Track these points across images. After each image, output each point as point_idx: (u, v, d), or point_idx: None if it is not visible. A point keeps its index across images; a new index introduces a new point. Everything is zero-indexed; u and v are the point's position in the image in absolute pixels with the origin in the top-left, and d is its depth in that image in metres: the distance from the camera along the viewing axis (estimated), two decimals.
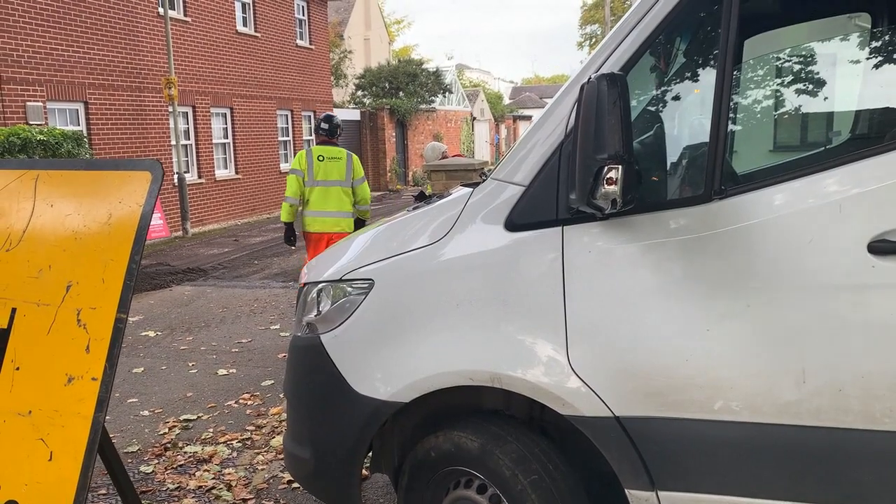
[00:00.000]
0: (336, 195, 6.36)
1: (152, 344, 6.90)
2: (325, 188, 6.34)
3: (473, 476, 2.42)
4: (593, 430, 2.16)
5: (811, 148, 3.40)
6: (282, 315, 7.87)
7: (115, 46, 13.81)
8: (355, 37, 32.68)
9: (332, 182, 6.35)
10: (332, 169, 6.35)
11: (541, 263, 2.18)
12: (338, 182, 6.35)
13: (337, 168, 6.37)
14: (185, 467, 4.14)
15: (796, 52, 3.21)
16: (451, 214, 2.39)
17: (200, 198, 16.25)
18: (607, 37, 2.17)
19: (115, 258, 2.19)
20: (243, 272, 10.82)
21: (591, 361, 2.13)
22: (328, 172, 6.35)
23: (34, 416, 2.19)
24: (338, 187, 6.35)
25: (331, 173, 6.35)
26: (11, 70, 11.59)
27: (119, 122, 13.91)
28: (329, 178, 6.34)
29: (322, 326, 2.60)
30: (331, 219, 6.37)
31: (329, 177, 6.35)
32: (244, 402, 5.19)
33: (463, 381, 2.32)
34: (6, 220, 2.37)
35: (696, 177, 2.11)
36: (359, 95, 28.68)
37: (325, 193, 6.35)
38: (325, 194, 6.35)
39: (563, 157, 2.13)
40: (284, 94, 20.01)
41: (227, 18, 17.53)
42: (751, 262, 1.95)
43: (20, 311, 2.28)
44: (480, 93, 39.71)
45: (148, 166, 2.25)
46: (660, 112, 2.30)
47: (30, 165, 2.50)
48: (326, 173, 6.35)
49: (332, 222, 6.37)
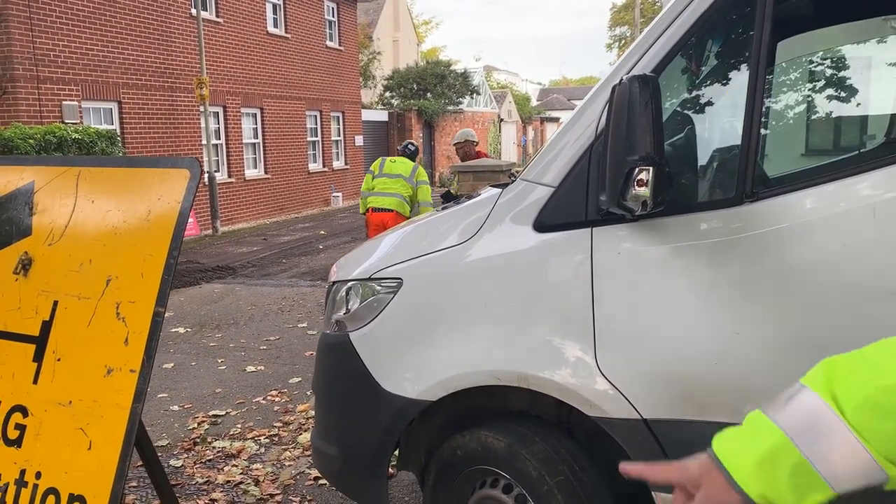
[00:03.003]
0: (398, 183, 7.59)
1: (182, 340, 7.01)
2: (389, 178, 7.63)
3: (499, 476, 2.43)
4: (620, 432, 2.16)
5: (845, 152, 3.36)
6: (309, 313, 7.94)
7: (148, 47, 14.04)
8: (384, 38, 32.82)
9: (396, 175, 7.62)
10: (399, 167, 7.68)
11: (569, 264, 2.19)
12: (400, 175, 7.61)
13: (403, 167, 7.70)
14: (213, 462, 4.20)
15: (830, 55, 3.17)
16: (479, 215, 2.40)
17: (230, 197, 16.46)
18: (639, 38, 2.17)
19: (153, 253, 2.24)
20: (272, 271, 10.93)
21: (619, 363, 2.13)
22: (394, 168, 7.68)
23: (74, 406, 2.25)
24: (400, 178, 7.61)
25: (396, 169, 7.67)
26: (48, 70, 11.84)
27: (151, 121, 14.14)
28: (394, 172, 7.63)
29: (351, 324, 2.62)
30: (387, 198, 7.54)
31: (394, 171, 7.64)
32: (272, 399, 5.25)
33: (490, 381, 2.34)
34: (49, 215, 2.44)
35: (727, 179, 2.10)
36: (387, 96, 28.80)
37: (388, 181, 7.62)
38: (388, 182, 7.62)
39: (593, 158, 2.13)
40: (313, 95, 20.17)
41: (259, 19, 17.72)
42: (781, 265, 1.93)
43: (62, 303, 2.34)
44: (508, 94, 39.64)
45: (187, 164, 2.30)
46: (691, 114, 2.29)
47: (71, 162, 2.57)
48: (392, 169, 7.67)
49: (387, 200, 7.54)
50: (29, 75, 11.49)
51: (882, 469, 0.87)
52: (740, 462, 0.94)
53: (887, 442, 0.86)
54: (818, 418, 0.90)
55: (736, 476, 0.93)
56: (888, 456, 0.86)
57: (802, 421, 0.91)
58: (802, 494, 0.89)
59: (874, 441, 0.86)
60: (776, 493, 0.91)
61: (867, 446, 0.87)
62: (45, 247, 2.41)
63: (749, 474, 0.92)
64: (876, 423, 0.87)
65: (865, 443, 0.87)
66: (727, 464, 0.94)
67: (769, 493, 0.91)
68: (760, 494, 0.92)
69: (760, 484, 0.92)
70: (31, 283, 2.41)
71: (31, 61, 11.53)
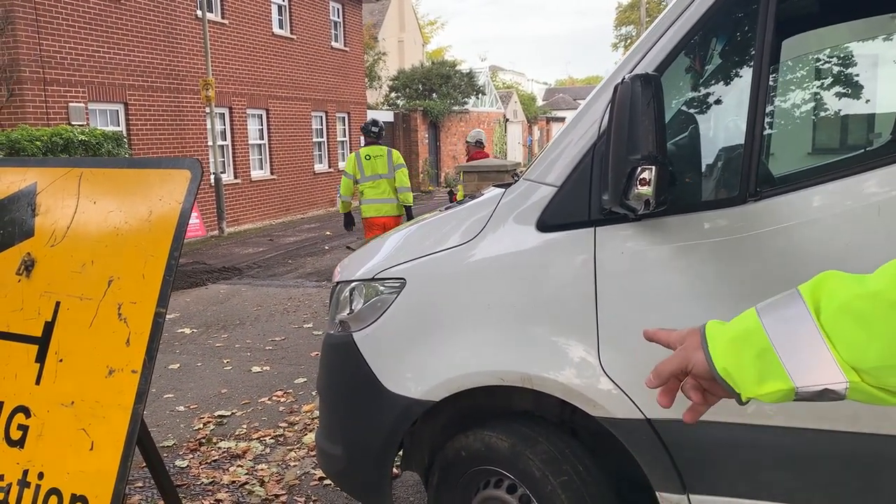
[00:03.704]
0: (384, 186, 7.87)
1: (188, 341, 7.02)
2: (374, 181, 7.86)
3: (503, 476, 2.42)
4: (624, 431, 2.15)
5: (850, 150, 3.34)
6: (315, 314, 7.95)
7: (154, 49, 14.09)
8: (389, 38, 32.85)
9: (379, 176, 7.86)
10: (378, 164, 7.83)
11: (572, 264, 2.18)
12: (383, 175, 7.85)
13: (381, 163, 7.84)
14: (218, 462, 4.21)
15: (836, 53, 3.15)
16: (483, 215, 2.40)
17: (236, 198, 16.50)
18: (642, 37, 2.16)
19: (155, 254, 2.24)
20: (277, 271, 10.95)
21: (622, 363, 2.12)
22: (375, 168, 7.84)
23: (76, 406, 2.26)
24: (384, 179, 7.85)
25: (377, 168, 7.84)
26: (55, 72, 11.90)
27: (157, 122, 14.19)
28: (376, 173, 7.85)
29: (354, 324, 2.62)
30: (382, 205, 7.89)
31: (376, 171, 7.85)
32: (277, 400, 5.25)
33: (494, 382, 2.33)
34: (51, 216, 2.45)
35: (730, 178, 2.09)
36: (392, 97, 28.83)
37: (376, 185, 7.87)
38: (376, 186, 7.86)
39: (596, 157, 2.12)
40: (319, 96, 20.20)
41: (264, 21, 17.76)
42: (785, 264, 1.92)
43: (64, 304, 2.35)
44: (513, 94, 39.63)
45: (188, 165, 2.30)
46: (694, 113, 2.28)
47: (74, 163, 2.57)
48: (374, 169, 7.83)
49: (384, 208, 7.91)
50: (36, 77, 11.55)
51: (842, 373, 0.89)
52: (718, 335, 1.01)
53: (853, 347, 0.88)
54: (794, 316, 0.94)
55: (710, 344, 1.00)
56: (852, 362, 0.89)
57: (779, 316, 0.95)
58: (763, 379, 0.94)
59: (840, 345, 0.89)
60: (739, 371, 0.97)
61: (832, 349, 0.90)
62: (47, 248, 2.42)
63: (720, 347, 0.99)
64: (845, 328, 0.89)
65: (831, 346, 0.90)
66: (709, 332, 1.03)
67: (733, 370, 0.97)
68: (723, 368, 0.98)
69: (726, 359, 0.98)
70: (34, 284, 2.42)
71: (38, 63, 11.58)
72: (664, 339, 1.13)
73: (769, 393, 0.94)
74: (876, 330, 0.86)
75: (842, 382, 0.89)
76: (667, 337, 1.13)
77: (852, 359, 0.88)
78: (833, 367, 0.89)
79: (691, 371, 1.03)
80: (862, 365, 0.88)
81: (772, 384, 0.93)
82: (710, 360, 0.99)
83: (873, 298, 0.87)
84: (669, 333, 1.13)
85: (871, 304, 0.87)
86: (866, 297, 0.88)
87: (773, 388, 0.93)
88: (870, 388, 0.89)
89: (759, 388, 0.95)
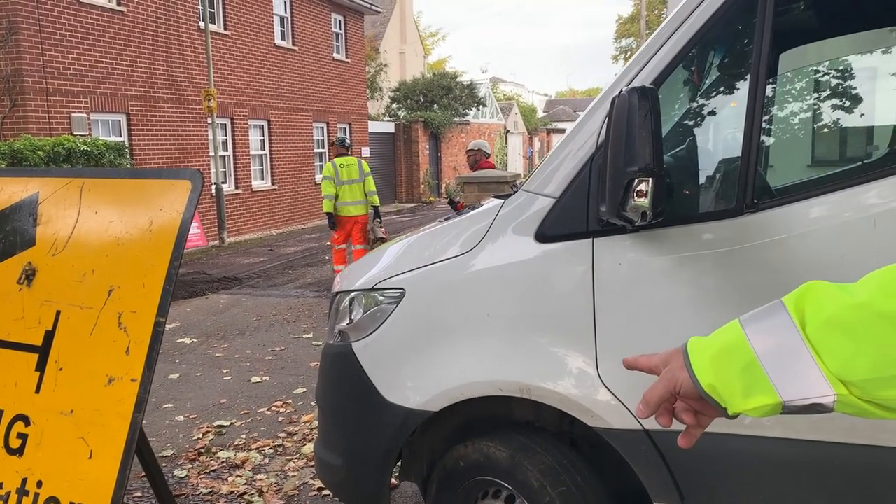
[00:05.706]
0: (356, 189, 9.42)
1: (188, 351, 7.02)
2: (349, 185, 9.39)
3: (502, 486, 2.42)
4: (623, 442, 2.16)
5: (849, 162, 3.35)
6: (315, 324, 7.95)
7: (156, 59, 14.16)
8: (391, 50, 32.99)
9: (352, 181, 9.38)
10: (352, 171, 9.41)
11: (571, 275, 2.19)
12: (355, 180, 9.41)
13: (354, 170, 9.43)
14: (217, 472, 4.20)
15: (834, 66, 3.17)
16: (481, 225, 2.41)
17: (237, 208, 16.53)
18: (640, 50, 2.18)
19: (155, 264, 2.25)
20: (278, 281, 10.95)
21: (620, 373, 2.10)
22: (350, 174, 9.39)
23: (76, 415, 2.26)
24: (357, 184, 9.42)
25: (352, 174, 9.40)
26: (58, 82, 11.95)
27: (159, 133, 14.24)
28: (351, 178, 9.38)
29: (354, 334, 2.63)
30: (358, 206, 9.44)
31: (351, 177, 9.38)
32: (276, 410, 5.25)
33: (492, 392, 2.34)
34: (53, 226, 2.46)
35: (728, 190, 2.10)
36: (393, 108, 28.93)
37: (350, 189, 9.40)
38: (350, 190, 9.40)
39: (593, 169, 2.14)
40: (321, 107, 20.27)
41: (266, 32, 17.86)
42: (783, 275, 1.93)
43: (64, 313, 2.36)
44: (514, 106, 39.75)
45: (189, 176, 2.32)
46: (692, 125, 2.30)
47: (76, 174, 2.59)
48: (349, 175, 9.38)
49: (360, 208, 9.46)
50: (38, 88, 11.60)
51: (830, 386, 0.87)
52: (701, 351, 0.98)
53: (840, 360, 0.87)
54: (779, 328, 0.92)
55: (693, 361, 0.98)
56: (840, 375, 0.87)
57: (763, 329, 0.93)
58: (749, 394, 0.92)
59: (827, 358, 0.88)
60: (725, 386, 0.94)
61: (819, 362, 0.88)
62: (48, 257, 2.43)
63: (704, 363, 0.97)
64: (833, 341, 0.88)
65: (818, 359, 0.88)
66: (690, 349, 1.00)
67: (719, 385, 0.95)
68: (710, 384, 0.95)
69: (711, 374, 0.95)
70: (35, 293, 2.43)
71: (41, 74, 11.64)
72: (646, 365, 1.08)
73: (756, 407, 0.92)
74: (863, 342, 0.85)
75: (829, 395, 0.87)
76: (648, 362, 1.08)
77: (840, 371, 0.87)
78: (820, 380, 0.88)
79: (679, 392, 1.00)
80: (850, 377, 0.86)
81: (758, 398, 0.91)
82: (694, 378, 0.97)
83: (860, 310, 0.86)
84: (650, 358, 1.08)
85: (858, 316, 0.86)
86: (853, 308, 0.86)
87: (759, 402, 0.91)
88: (858, 401, 0.87)
89: (746, 403, 0.92)
